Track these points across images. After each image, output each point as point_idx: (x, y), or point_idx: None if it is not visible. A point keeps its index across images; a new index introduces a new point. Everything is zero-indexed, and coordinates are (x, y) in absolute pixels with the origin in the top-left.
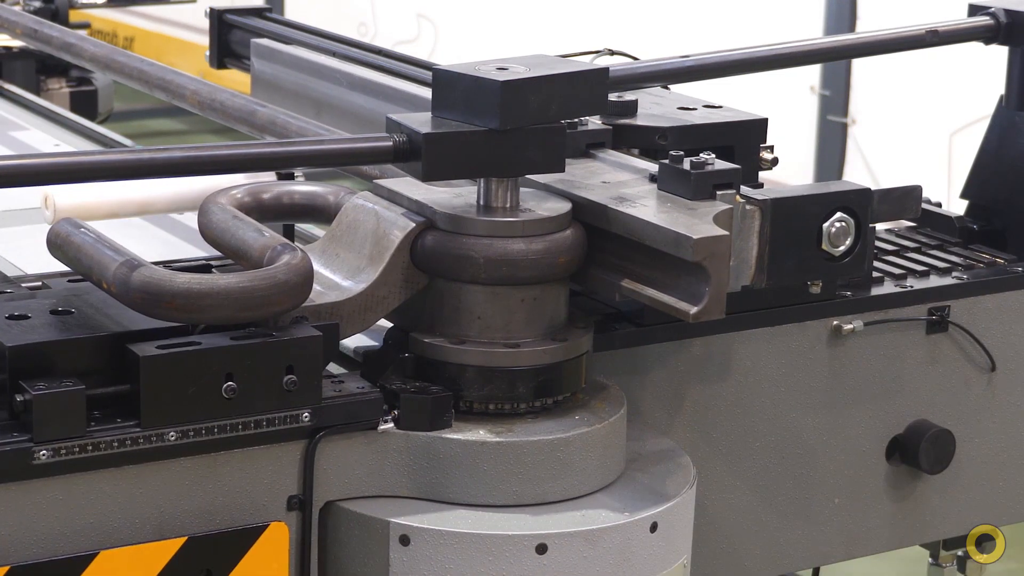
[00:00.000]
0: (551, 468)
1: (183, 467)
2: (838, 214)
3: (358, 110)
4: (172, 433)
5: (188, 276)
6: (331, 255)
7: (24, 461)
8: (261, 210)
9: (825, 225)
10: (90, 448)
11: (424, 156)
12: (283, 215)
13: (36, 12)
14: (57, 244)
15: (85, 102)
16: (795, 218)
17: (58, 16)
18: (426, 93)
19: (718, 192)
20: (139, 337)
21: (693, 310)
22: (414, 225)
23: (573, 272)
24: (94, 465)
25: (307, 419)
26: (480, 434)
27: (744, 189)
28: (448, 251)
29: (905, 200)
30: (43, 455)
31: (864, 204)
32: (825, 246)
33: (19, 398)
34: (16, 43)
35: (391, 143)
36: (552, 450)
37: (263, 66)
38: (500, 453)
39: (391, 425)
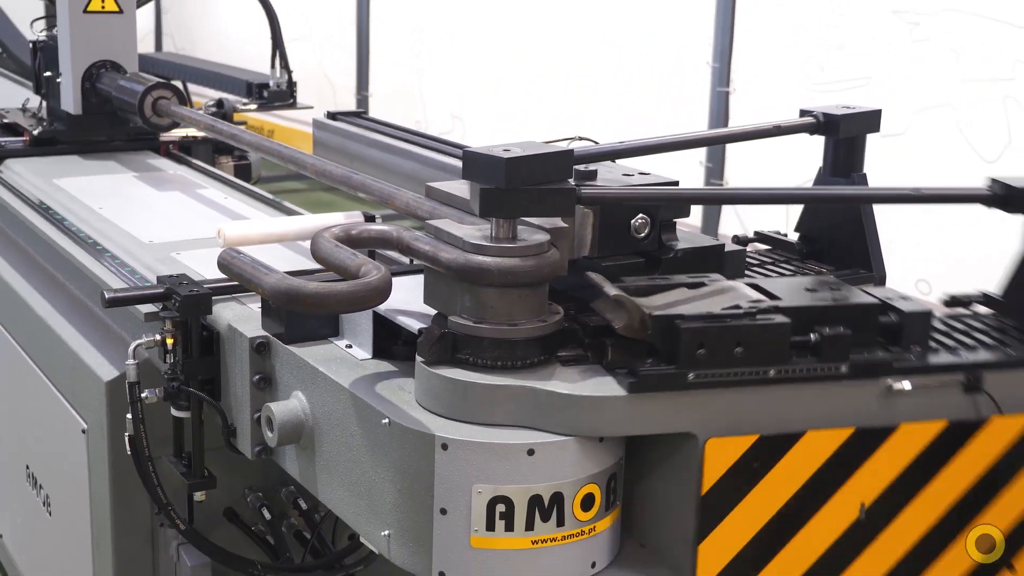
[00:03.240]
0: None
1: None
2: (640, 214)
3: (371, 158)
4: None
5: (316, 284)
6: None
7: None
8: (350, 241)
9: (632, 220)
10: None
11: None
12: (364, 244)
13: (213, 114)
14: (225, 265)
15: (244, 171)
16: (614, 216)
17: (226, 116)
18: (434, 156)
19: None
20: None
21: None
22: None
23: (553, 278)
24: None
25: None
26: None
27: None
28: (473, 265)
29: (682, 207)
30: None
31: (656, 207)
32: (632, 233)
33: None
34: (200, 134)
35: None
36: None
37: (320, 134)
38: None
39: None
